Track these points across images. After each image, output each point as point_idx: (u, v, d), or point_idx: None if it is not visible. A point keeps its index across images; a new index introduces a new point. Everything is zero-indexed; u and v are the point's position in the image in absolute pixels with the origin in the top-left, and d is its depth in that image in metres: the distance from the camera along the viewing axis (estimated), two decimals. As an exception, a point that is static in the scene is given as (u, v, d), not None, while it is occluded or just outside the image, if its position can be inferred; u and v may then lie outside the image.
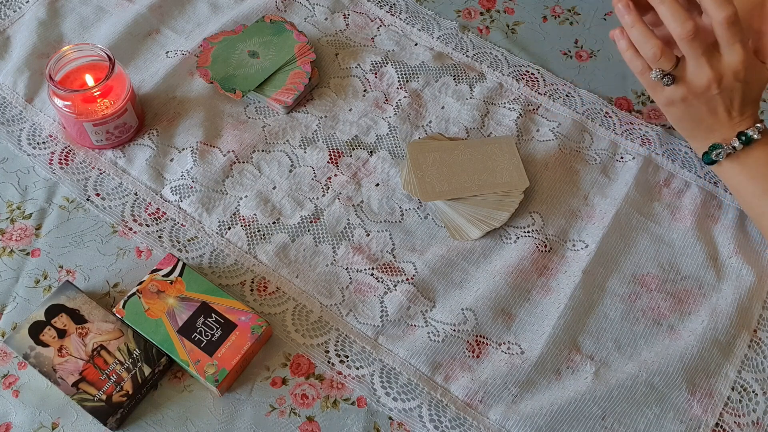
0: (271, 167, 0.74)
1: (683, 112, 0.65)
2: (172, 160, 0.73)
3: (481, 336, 0.64)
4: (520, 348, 0.64)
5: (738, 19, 0.58)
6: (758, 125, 0.64)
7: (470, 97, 0.80)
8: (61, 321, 0.61)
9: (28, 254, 0.68)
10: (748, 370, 0.64)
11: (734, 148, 0.65)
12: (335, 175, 0.73)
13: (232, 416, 0.60)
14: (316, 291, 0.66)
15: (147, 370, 0.59)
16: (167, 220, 0.70)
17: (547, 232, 0.70)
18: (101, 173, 0.73)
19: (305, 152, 0.75)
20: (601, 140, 0.77)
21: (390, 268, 0.68)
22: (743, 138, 0.64)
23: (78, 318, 0.61)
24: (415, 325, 0.65)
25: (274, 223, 0.70)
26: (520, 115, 0.78)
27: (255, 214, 0.70)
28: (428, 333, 0.64)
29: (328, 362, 0.63)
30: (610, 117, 0.79)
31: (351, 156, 0.75)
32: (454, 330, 0.64)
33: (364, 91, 0.80)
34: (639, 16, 0.62)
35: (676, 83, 0.63)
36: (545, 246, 0.70)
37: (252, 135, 0.75)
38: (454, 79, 0.81)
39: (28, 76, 0.78)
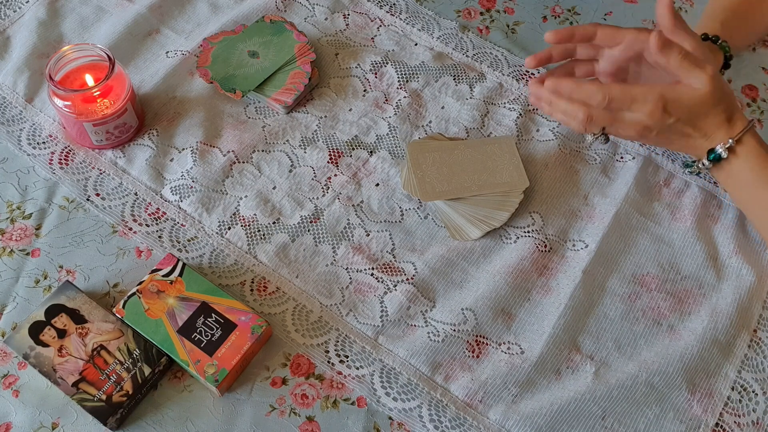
0: (271, 167, 0.74)
1: (648, 141, 0.67)
2: (172, 160, 0.73)
3: (481, 336, 0.64)
4: (520, 348, 0.64)
5: (612, 97, 0.61)
6: (729, 140, 0.64)
7: (470, 97, 0.80)
8: (61, 321, 0.61)
9: (28, 254, 0.68)
10: (748, 370, 0.64)
11: (706, 167, 0.66)
12: (335, 175, 0.73)
13: (232, 416, 0.60)
14: (316, 291, 0.66)
15: (147, 370, 0.59)
16: (167, 220, 0.70)
17: (547, 232, 0.70)
18: (101, 173, 0.73)
19: (305, 152, 0.75)
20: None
21: (390, 268, 0.68)
22: (712, 156, 0.65)
23: (78, 318, 0.61)
24: (415, 325, 0.65)
25: (274, 223, 0.70)
26: (520, 115, 0.78)
27: (255, 214, 0.70)
28: (428, 333, 0.64)
29: (328, 362, 0.63)
30: (610, 117, 0.79)
31: (351, 156, 0.75)
32: (454, 330, 0.64)
33: (364, 91, 0.80)
34: (553, 93, 0.65)
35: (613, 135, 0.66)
36: (545, 246, 0.70)
37: (252, 135, 0.75)
38: (454, 79, 0.81)
39: (28, 76, 0.78)
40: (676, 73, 0.62)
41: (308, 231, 0.70)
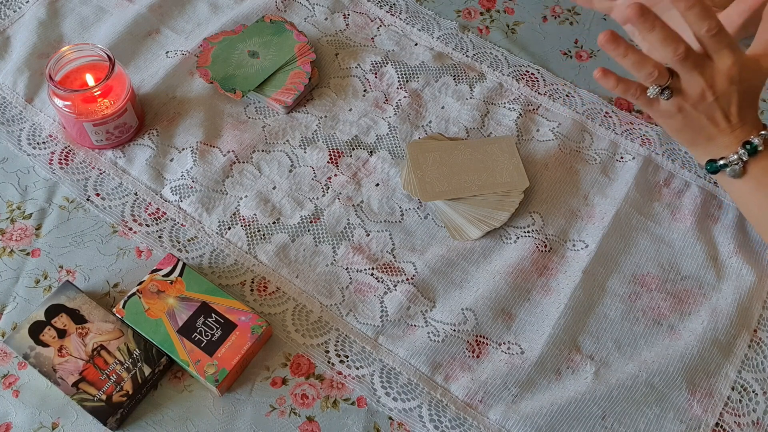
0: (271, 167, 0.74)
1: (682, 123, 0.65)
2: (172, 160, 0.73)
3: (481, 336, 0.64)
4: (520, 348, 0.64)
5: (721, 27, 0.58)
6: (762, 132, 0.63)
7: (470, 97, 0.80)
8: (61, 321, 0.61)
9: (28, 254, 0.68)
10: (748, 369, 0.64)
11: (741, 159, 0.63)
12: (335, 175, 0.73)
13: (232, 416, 0.60)
14: (316, 291, 0.66)
15: (147, 370, 0.59)
16: (167, 220, 0.70)
17: (547, 232, 0.70)
18: (101, 173, 0.73)
19: (305, 152, 0.75)
20: (601, 140, 0.77)
21: (390, 268, 0.68)
22: (748, 147, 0.63)
23: (78, 318, 0.61)
24: (415, 325, 0.65)
25: (274, 223, 0.70)
26: (520, 115, 0.78)
27: (255, 214, 0.70)
28: (428, 333, 0.64)
29: (328, 362, 0.63)
30: (610, 117, 0.79)
31: (351, 156, 0.75)
32: (454, 330, 0.64)
33: (364, 91, 0.80)
34: (627, 44, 0.61)
35: (673, 95, 0.63)
36: (545, 246, 0.70)
37: (252, 135, 0.75)
38: (454, 79, 0.81)
39: (28, 76, 0.78)
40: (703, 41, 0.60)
41: (308, 231, 0.70)
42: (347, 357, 0.63)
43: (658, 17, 0.58)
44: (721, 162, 0.65)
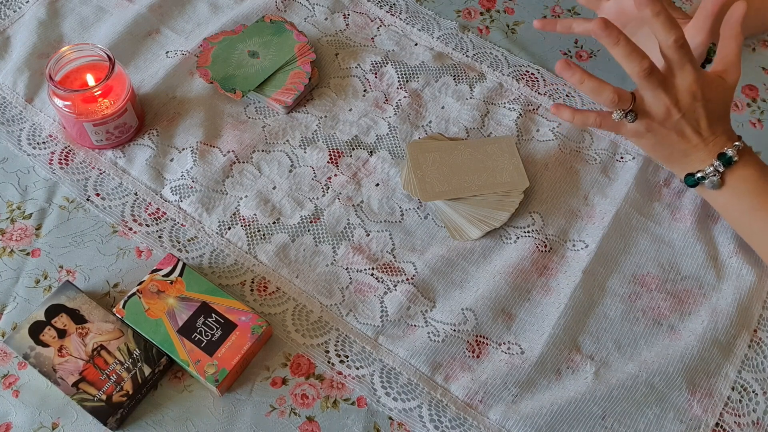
0: (271, 167, 0.74)
1: (654, 140, 0.65)
2: (172, 160, 0.73)
3: (481, 336, 0.64)
4: (520, 348, 0.64)
5: (686, 42, 0.59)
6: (737, 144, 0.63)
7: (470, 97, 0.80)
8: (61, 321, 0.61)
9: (28, 254, 0.68)
10: (748, 370, 0.64)
11: (717, 171, 0.64)
12: (335, 175, 0.73)
13: (232, 416, 0.60)
14: (316, 291, 0.66)
15: (147, 370, 0.59)
16: (167, 220, 0.70)
17: (547, 232, 0.70)
18: (101, 173, 0.73)
19: (305, 152, 0.75)
20: (601, 140, 0.77)
21: (390, 268, 0.68)
22: (723, 159, 0.63)
23: (78, 318, 0.61)
24: (415, 325, 0.65)
25: (274, 223, 0.70)
26: (520, 115, 0.78)
27: (255, 214, 0.70)
28: (428, 333, 0.64)
29: (328, 362, 0.63)
30: (610, 117, 0.79)
31: (351, 156, 0.75)
32: (454, 330, 0.64)
33: (364, 91, 0.80)
34: (584, 71, 0.61)
35: (639, 117, 0.63)
36: (545, 246, 0.70)
37: (252, 135, 0.75)
38: (454, 79, 0.81)
39: (28, 76, 0.78)
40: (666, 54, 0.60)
41: (308, 231, 0.70)
42: (347, 357, 0.63)
43: (622, 32, 0.58)
44: (699, 175, 0.65)
